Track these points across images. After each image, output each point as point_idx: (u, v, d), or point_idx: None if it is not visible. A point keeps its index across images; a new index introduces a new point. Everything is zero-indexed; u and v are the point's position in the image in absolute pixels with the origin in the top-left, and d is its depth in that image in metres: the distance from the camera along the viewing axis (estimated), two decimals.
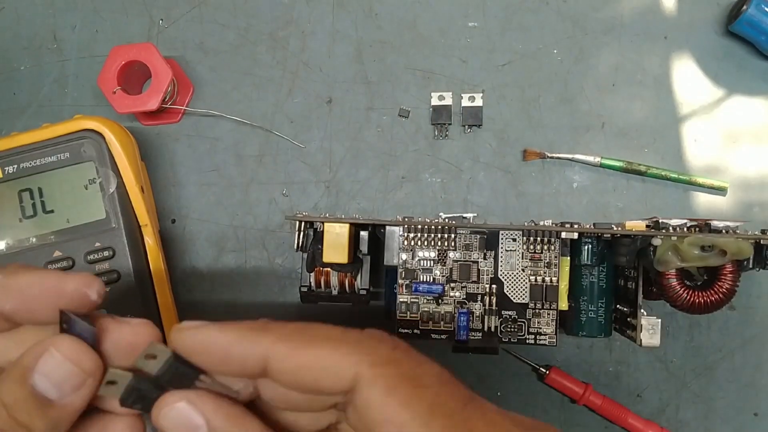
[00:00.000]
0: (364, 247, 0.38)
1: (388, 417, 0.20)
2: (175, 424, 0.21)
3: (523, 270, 0.37)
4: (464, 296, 0.38)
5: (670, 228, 0.35)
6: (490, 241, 0.38)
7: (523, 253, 0.37)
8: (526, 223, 0.38)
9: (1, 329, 0.22)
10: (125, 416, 0.23)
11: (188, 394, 0.21)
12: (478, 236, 0.38)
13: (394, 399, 0.20)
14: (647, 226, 0.36)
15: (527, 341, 0.37)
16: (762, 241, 0.34)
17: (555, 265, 0.37)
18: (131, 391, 0.21)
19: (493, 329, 0.37)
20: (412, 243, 0.38)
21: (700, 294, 0.34)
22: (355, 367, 0.20)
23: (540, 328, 0.37)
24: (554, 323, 0.37)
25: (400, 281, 0.38)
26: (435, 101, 0.46)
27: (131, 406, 0.21)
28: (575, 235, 0.37)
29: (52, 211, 0.40)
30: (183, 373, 0.21)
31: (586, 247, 0.38)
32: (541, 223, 0.38)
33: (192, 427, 0.21)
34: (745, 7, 0.43)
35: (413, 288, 0.37)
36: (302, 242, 0.38)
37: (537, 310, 0.37)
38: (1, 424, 0.21)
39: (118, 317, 0.23)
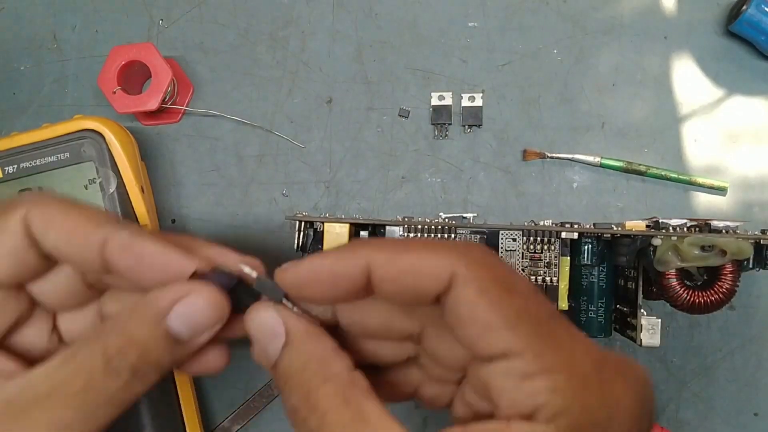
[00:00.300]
0: None
1: (477, 317, 0.21)
2: (259, 329, 0.23)
3: (523, 270, 0.37)
4: None
5: (670, 228, 0.35)
6: (490, 241, 0.38)
7: (523, 253, 0.37)
8: (526, 223, 0.38)
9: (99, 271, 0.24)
10: (219, 347, 0.26)
11: (277, 306, 0.23)
12: (478, 236, 0.38)
13: (484, 300, 0.21)
14: (647, 226, 0.36)
15: None
16: (762, 241, 0.34)
17: (555, 265, 0.37)
18: (232, 292, 0.24)
19: None
20: None
21: (700, 294, 0.34)
22: (451, 267, 0.21)
23: None
24: None
25: None
26: (435, 101, 0.46)
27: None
28: (575, 235, 0.37)
29: None
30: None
31: (586, 247, 0.38)
32: (541, 223, 0.38)
33: (273, 334, 0.23)
34: (745, 7, 0.43)
35: None
36: (302, 242, 0.38)
37: None
38: (134, 361, 0.22)
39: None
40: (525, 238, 0.37)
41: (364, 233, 0.38)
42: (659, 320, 0.36)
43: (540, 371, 0.20)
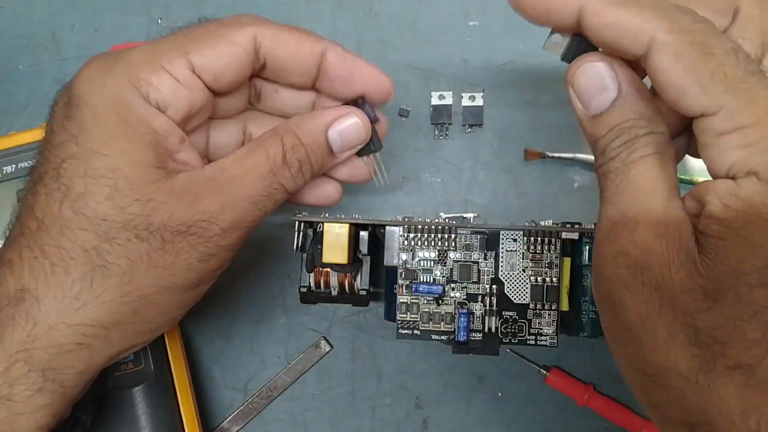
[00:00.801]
0: (363, 248, 0.38)
1: (672, 81, 0.22)
2: (589, 79, 0.25)
3: (523, 270, 0.37)
4: (464, 297, 0.37)
5: None
6: (490, 241, 0.37)
7: (523, 253, 0.37)
8: (526, 223, 0.38)
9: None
10: (336, 184, 0.34)
11: (610, 58, 0.25)
12: (479, 236, 0.38)
13: (678, 64, 0.22)
14: None
15: (528, 342, 0.37)
16: None
17: (556, 265, 0.37)
18: (570, 47, 0.27)
19: (493, 330, 0.37)
20: (412, 243, 0.38)
21: None
22: (651, 31, 0.23)
23: (541, 329, 0.37)
24: (555, 324, 0.37)
25: (400, 282, 0.38)
26: (435, 101, 0.46)
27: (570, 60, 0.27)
28: (576, 236, 0.37)
29: None
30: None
31: (587, 247, 0.37)
32: (542, 223, 0.38)
33: (602, 86, 0.25)
34: None
35: (413, 288, 0.37)
36: (302, 242, 0.38)
37: (538, 311, 0.37)
38: (301, 158, 0.29)
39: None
40: (526, 238, 0.37)
41: (363, 233, 0.38)
42: None
43: (733, 128, 0.22)
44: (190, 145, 0.28)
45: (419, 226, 0.37)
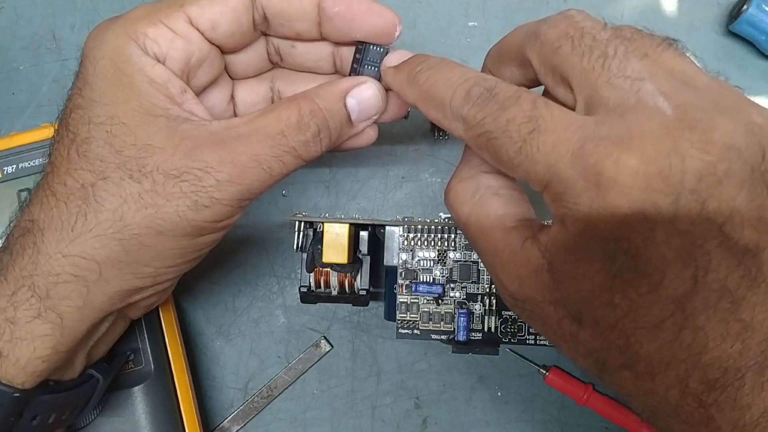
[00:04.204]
0: (363, 248, 0.38)
1: (492, 161, 0.26)
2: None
3: None
4: (464, 296, 0.37)
5: None
6: None
7: None
8: None
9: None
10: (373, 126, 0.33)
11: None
12: None
13: (485, 153, 0.26)
14: None
15: (527, 341, 0.37)
16: None
17: None
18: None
19: (493, 330, 0.37)
20: (412, 243, 0.38)
21: None
22: (457, 132, 0.27)
23: None
24: None
25: (399, 281, 0.38)
26: None
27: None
28: None
29: None
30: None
31: None
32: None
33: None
34: (745, 7, 0.43)
35: (413, 288, 0.37)
36: (302, 242, 0.38)
37: None
38: (318, 123, 0.29)
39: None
40: None
41: (363, 233, 0.38)
42: None
43: (541, 188, 0.24)
44: (194, 98, 0.29)
45: (419, 226, 0.37)
